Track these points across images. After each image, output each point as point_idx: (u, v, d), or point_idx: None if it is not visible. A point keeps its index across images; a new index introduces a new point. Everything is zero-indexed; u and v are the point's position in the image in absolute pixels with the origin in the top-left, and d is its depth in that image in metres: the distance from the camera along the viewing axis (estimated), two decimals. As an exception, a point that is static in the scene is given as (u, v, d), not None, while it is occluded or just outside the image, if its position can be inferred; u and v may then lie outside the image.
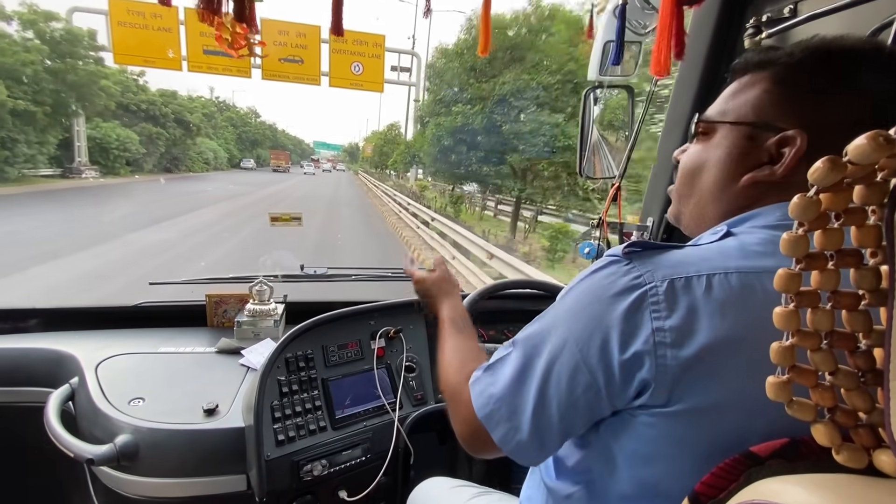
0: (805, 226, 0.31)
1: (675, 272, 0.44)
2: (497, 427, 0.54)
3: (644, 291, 0.44)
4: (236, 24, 0.85)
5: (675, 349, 0.43)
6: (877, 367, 0.32)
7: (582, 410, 0.49)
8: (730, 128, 0.55)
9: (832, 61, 0.49)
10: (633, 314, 0.45)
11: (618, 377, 0.46)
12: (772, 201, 0.51)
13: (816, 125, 0.48)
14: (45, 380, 1.09)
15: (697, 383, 0.43)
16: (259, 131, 61.02)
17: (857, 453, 0.32)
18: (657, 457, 0.47)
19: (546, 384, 0.50)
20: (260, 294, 1.31)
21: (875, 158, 0.27)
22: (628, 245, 0.48)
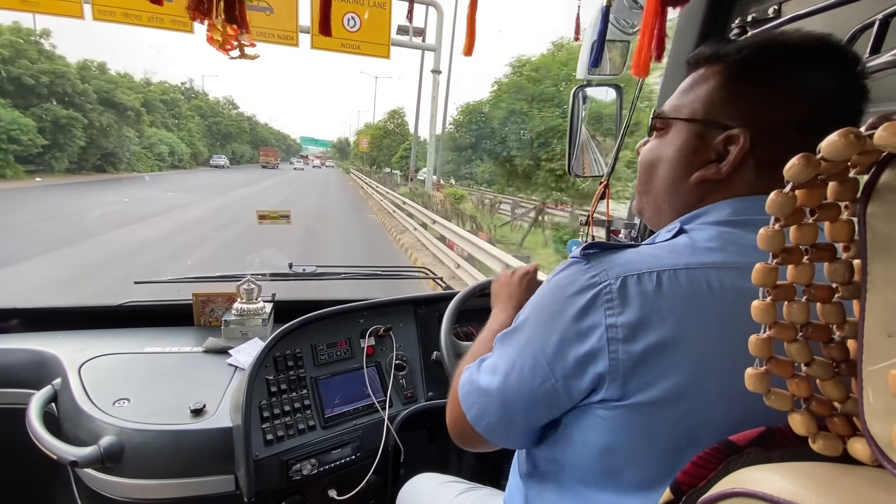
0: (781, 221, 0.32)
1: (627, 270, 0.46)
2: (471, 407, 0.59)
3: (599, 289, 0.46)
4: (227, 24, 0.84)
5: (627, 344, 0.45)
6: (850, 357, 0.33)
7: (542, 402, 0.52)
8: (682, 124, 0.56)
9: (778, 59, 0.50)
10: (589, 311, 0.47)
11: (574, 372, 0.48)
12: (719, 198, 0.53)
13: (760, 124, 0.50)
14: (27, 381, 1.07)
15: (649, 377, 0.44)
16: (234, 123, 52.90)
17: (833, 441, 0.33)
18: (617, 448, 0.49)
19: (511, 376, 0.54)
20: (248, 293, 1.30)
21: (847, 155, 0.28)
22: (586, 246, 0.50)
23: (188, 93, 48.63)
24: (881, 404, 0.28)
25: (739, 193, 0.51)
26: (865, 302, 0.29)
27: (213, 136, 46.05)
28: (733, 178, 0.52)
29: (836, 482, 0.31)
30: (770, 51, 0.51)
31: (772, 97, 0.50)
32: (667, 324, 0.44)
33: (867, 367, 0.29)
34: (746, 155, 0.50)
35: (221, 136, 48.91)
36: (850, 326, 0.33)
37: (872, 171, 0.29)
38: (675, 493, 0.38)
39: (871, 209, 0.29)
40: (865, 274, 0.29)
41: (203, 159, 40.06)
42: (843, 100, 0.49)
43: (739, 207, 0.50)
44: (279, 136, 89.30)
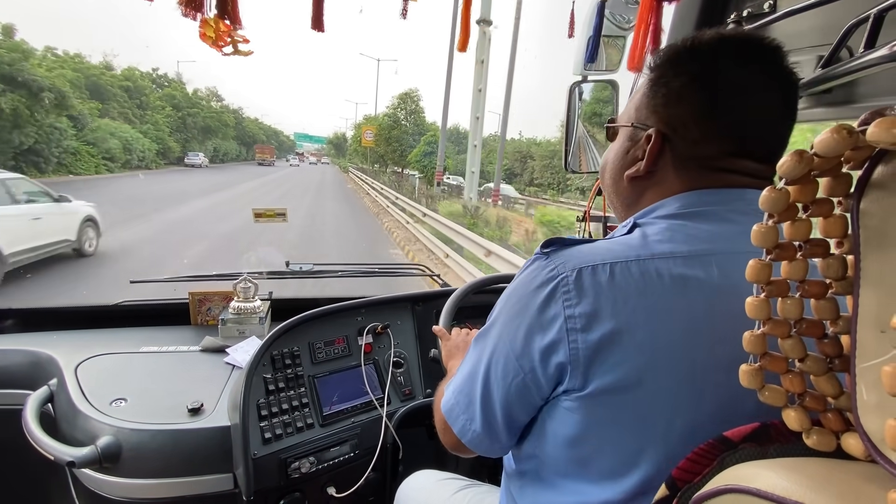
0: (775, 217, 0.32)
1: (583, 262, 0.48)
2: (456, 420, 0.61)
3: (557, 282, 0.48)
4: (220, 20, 0.83)
5: (585, 333, 0.46)
6: (844, 353, 0.33)
7: (517, 399, 0.54)
8: (622, 129, 0.61)
9: (685, 60, 0.53)
10: (549, 303, 0.49)
11: (539, 364, 0.50)
12: (655, 194, 0.56)
13: (672, 121, 0.53)
14: (23, 382, 1.07)
15: (606, 365, 0.46)
16: (214, 116, 42.10)
17: (826, 437, 0.33)
18: (583, 437, 0.50)
19: (488, 377, 0.55)
20: (244, 291, 1.30)
21: (840, 151, 0.28)
22: (545, 243, 0.53)
23: (160, 80, 39.98)
24: (874, 400, 0.28)
25: (676, 188, 0.55)
26: (858, 298, 0.29)
27: (188, 130, 36.58)
28: (658, 175, 0.56)
29: (829, 477, 0.31)
30: (676, 51, 0.54)
31: (676, 94, 0.53)
32: (620, 313, 0.46)
33: (860, 363, 0.29)
34: (663, 152, 0.54)
35: (199, 130, 39.36)
36: (843, 322, 0.33)
37: (865, 167, 0.29)
38: (671, 489, 0.39)
39: (864, 205, 0.29)
40: (858, 269, 0.29)
41: (175, 157, 32.80)
42: (755, 93, 0.51)
43: (687, 201, 0.53)
44: (270, 131, 78.54)
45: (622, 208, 0.62)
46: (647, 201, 0.57)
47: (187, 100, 39.16)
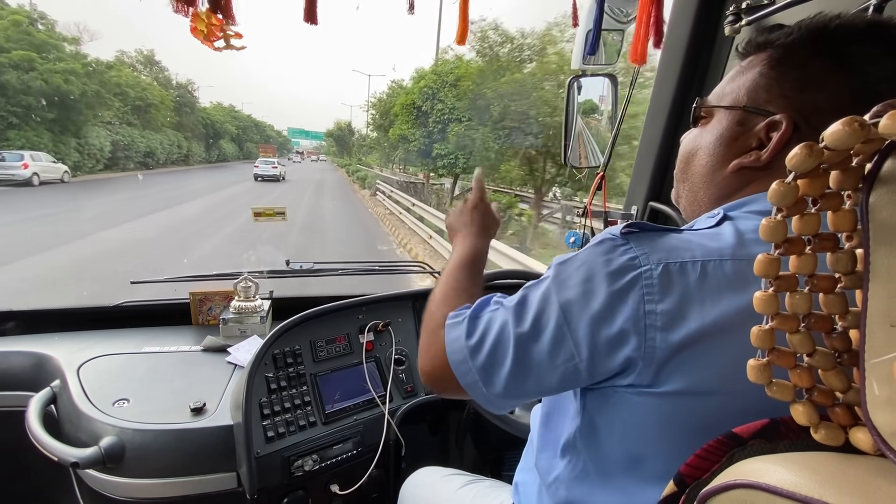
0: (783, 211, 0.32)
1: (670, 256, 0.44)
2: (466, 375, 0.54)
3: (639, 273, 0.44)
4: (212, 14, 0.82)
5: (665, 332, 0.43)
6: (853, 347, 0.33)
7: (559, 377, 0.49)
8: (724, 112, 0.54)
9: (827, 42, 0.47)
10: (626, 294, 0.44)
11: (602, 353, 0.46)
12: (759, 188, 0.51)
13: (805, 109, 0.48)
14: (26, 383, 1.07)
15: (685, 367, 0.43)
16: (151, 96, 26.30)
17: (835, 431, 0.33)
18: (642, 435, 0.47)
19: (528, 350, 0.50)
20: (245, 290, 1.30)
21: (851, 144, 0.27)
22: (627, 225, 0.47)
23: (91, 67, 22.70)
24: (885, 395, 0.28)
25: None
26: (868, 292, 0.29)
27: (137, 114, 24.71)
28: (774, 166, 0.50)
29: (837, 472, 0.31)
30: (816, 31, 0.48)
31: (819, 81, 0.47)
32: (708, 316, 0.42)
33: (870, 358, 0.29)
34: (789, 141, 0.48)
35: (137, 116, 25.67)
36: (852, 316, 0.32)
37: (875, 160, 0.28)
38: (679, 486, 0.38)
39: (874, 198, 0.29)
40: (868, 263, 0.29)
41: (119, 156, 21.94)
42: None
43: None
44: (249, 122, 57.23)
45: (710, 202, 0.56)
46: (748, 193, 0.52)
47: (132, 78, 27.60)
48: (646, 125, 1.21)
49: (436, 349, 0.59)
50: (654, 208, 1.21)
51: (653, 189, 1.21)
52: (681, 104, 1.12)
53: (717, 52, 1.05)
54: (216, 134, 44.00)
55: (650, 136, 1.19)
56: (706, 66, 1.07)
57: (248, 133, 48.36)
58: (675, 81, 1.10)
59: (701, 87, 1.09)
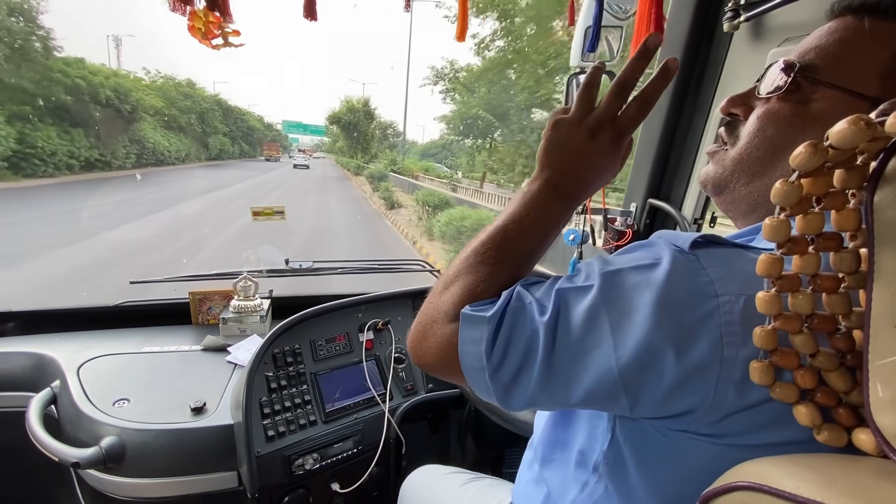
0: (787, 210, 0.32)
1: (754, 286, 0.34)
2: (477, 382, 0.44)
3: (716, 304, 0.34)
4: (209, 13, 0.82)
5: (742, 386, 0.34)
6: (856, 348, 0.33)
7: (587, 404, 0.41)
8: (840, 96, 0.40)
9: None
10: (700, 330, 0.34)
11: (654, 397, 0.36)
12: None
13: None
14: (26, 384, 1.06)
15: (758, 421, 0.35)
16: None
17: (838, 433, 0.33)
18: (685, 477, 0.39)
19: (559, 376, 0.40)
20: (244, 290, 1.30)
21: (857, 142, 0.27)
22: (702, 238, 0.37)
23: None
24: (889, 396, 0.28)
25: None
26: (872, 292, 0.29)
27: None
28: None
29: (840, 474, 0.30)
30: None
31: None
32: None
33: (874, 359, 0.29)
34: None
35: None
36: (856, 317, 0.32)
37: (880, 158, 0.28)
38: None
39: (879, 197, 0.28)
40: (872, 263, 0.29)
41: None
42: None
43: None
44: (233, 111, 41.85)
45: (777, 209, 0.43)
46: None
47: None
48: (645, 122, 1.21)
49: (443, 342, 0.46)
50: (654, 206, 1.21)
51: (652, 186, 1.21)
52: (680, 101, 1.11)
53: (716, 48, 1.04)
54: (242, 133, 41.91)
55: (649, 133, 1.19)
56: (705, 62, 1.07)
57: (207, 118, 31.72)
58: (673, 78, 1.09)
59: (700, 83, 1.09)
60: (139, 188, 14.56)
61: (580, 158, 0.48)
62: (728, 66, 1.01)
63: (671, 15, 1.08)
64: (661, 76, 0.47)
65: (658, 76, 0.47)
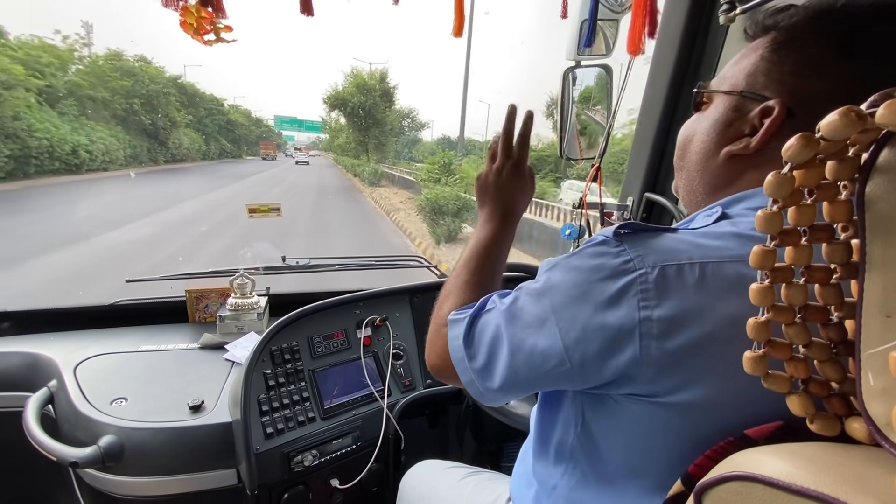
0: (779, 202, 0.32)
1: (666, 258, 0.41)
2: (465, 373, 0.55)
3: (633, 278, 0.42)
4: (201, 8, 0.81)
5: (662, 341, 0.40)
6: (848, 338, 0.33)
7: (552, 380, 0.49)
8: (722, 97, 0.52)
9: (830, 23, 0.44)
10: (620, 300, 0.42)
11: (594, 361, 0.44)
12: (753, 178, 0.48)
13: (802, 95, 0.45)
14: (22, 384, 1.06)
15: (684, 376, 0.41)
16: None
17: (831, 422, 0.34)
18: (642, 444, 0.46)
19: (519, 353, 0.49)
20: (241, 287, 1.29)
21: (847, 134, 0.27)
22: (620, 226, 0.45)
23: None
24: (881, 385, 0.28)
25: None
26: (864, 283, 0.29)
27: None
28: (767, 155, 0.47)
29: (833, 462, 0.31)
30: (820, 12, 0.45)
31: (815, 64, 0.44)
32: (708, 322, 0.39)
33: (866, 348, 0.29)
34: (782, 129, 0.46)
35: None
36: (848, 307, 0.32)
37: (871, 150, 0.28)
38: (686, 485, 0.39)
39: (870, 188, 0.28)
40: (864, 254, 0.29)
41: None
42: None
43: None
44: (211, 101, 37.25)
45: (705, 192, 0.54)
46: (741, 186, 0.49)
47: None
48: (641, 115, 1.21)
49: (440, 346, 0.60)
50: (651, 199, 1.21)
51: (648, 180, 1.21)
52: (676, 94, 1.11)
53: (712, 41, 1.04)
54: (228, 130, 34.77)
55: (645, 127, 1.19)
56: (701, 55, 1.07)
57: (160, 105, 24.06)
58: (669, 71, 1.09)
59: (695, 76, 1.09)
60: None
61: (500, 192, 0.73)
62: (724, 58, 1.01)
63: (666, 7, 1.08)
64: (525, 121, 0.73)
65: (523, 122, 0.72)
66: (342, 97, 24.69)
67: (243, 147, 43.97)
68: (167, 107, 25.19)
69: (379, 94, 24.74)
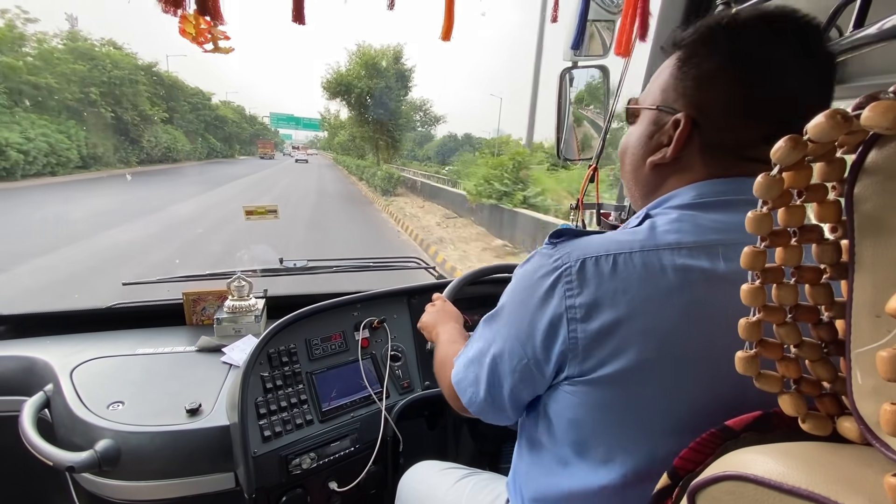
0: (769, 204, 0.32)
1: (586, 253, 0.49)
2: (464, 392, 0.64)
3: (561, 272, 0.49)
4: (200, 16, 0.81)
5: (584, 323, 0.47)
6: (839, 337, 0.33)
7: (521, 381, 0.56)
8: (645, 112, 0.57)
9: (720, 39, 0.50)
10: (551, 293, 0.49)
11: (541, 351, 0.51)
12: (676, 183, 0.54)
13: (702, 106, 0.51)
14: (18, 388, 1.06)
15: (604, 354, 0.47)
16: None
17: (822, 421, 0.34)
18: (582, 422, 0.52)
19: (495, 358, 0.58)
20: (239, 290, 1.29)
21: (834, 136, 0.27)
22: (555, 233, 0.53)
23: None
24: (870, 384, 0.28)
25: (699, 176, 0.53)
26: (853, 283, 0.29)
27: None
28: (684, 162, 0.54)
29: (825, 462, 0.31)
30: (711, 30, 0.50)
31: (708, 76, 0.50)
32: (620, 303, 0.46)
33: (855, 348, 0.29)
34: (692, 137, 0.52)
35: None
36: (837, 307, 0.33)
37: (859, 152, 0.28)
38: (672, 478, 0.39)
39: (858, 189, 0.29)
40: (853, 255, 0.29)
41: None
42: (793, 72, 0.47)
43: (702, 191, 0.51)
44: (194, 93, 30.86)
45: (641, 196, 0.60)
46: (667, 189, 0.55)
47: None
48: None
49: (447, 378, 0.72)
50: None
51: None
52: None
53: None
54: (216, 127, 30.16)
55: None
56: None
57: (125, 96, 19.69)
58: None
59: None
60: None
61: (436, 320, 0.95)
62: None
63: (662, 8, 1.08)
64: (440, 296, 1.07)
65: None
66: (346, 81, 19.29)
67: (235, 146, 40.48)
68: (136, 98, 20.45)
69: (393, 76, 19.41)
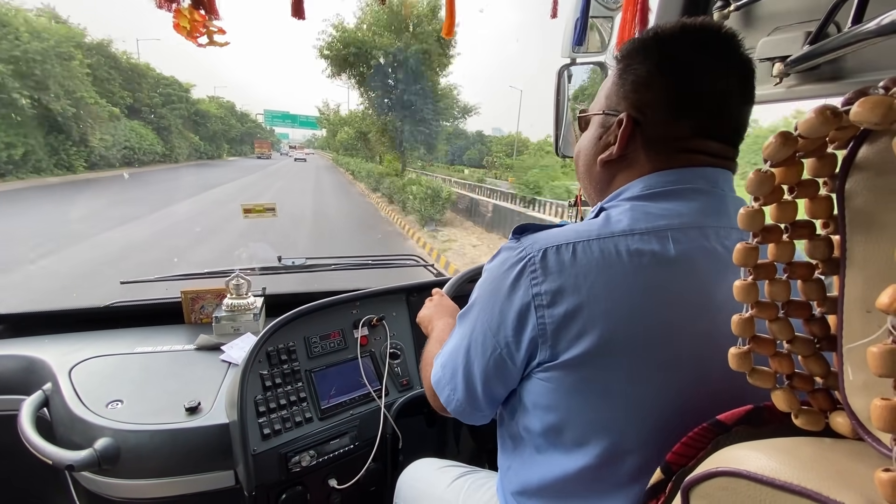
0: (761, 200, 0.32)
1: (548, 243, 0.52)
2: (442, 390, 0.66)
3: (525, 262, 0.52)
4: (194, 11, 0.81)
5: (550, 309, 0.50)
6: (831, 333, 0.33)
7: (495, 373, 0.58)
8: (594, 118, 0.64)
9: (651, 49, 0.57)
10: (518, 282, 0.53)
11: (512, 340, 0.54)
12: (626, 178, 0.59)
13: (640, 106, 0.57)
14: (17, 387, 1.06)
15: (570, 337, 0.50)
16: None
17: (815, 416, 0.34)
18: (555, 407, 0.54)
19: (469, 352, 0.61)
20: (237, 288, 1.29)
21: (824, 132, 0.27)
22: (518, 228, 0.57)
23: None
24: (861, 380, 0.28)
25: (645, 170, 0.58)
26: (845, 278, 0.29)
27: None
28: (630, 158, 0.59)
29: (817, 457, 0.31)
30: (642, 42, 0.58)
31: (643, 80, 0.57)
32: (581, 288, 0.49)
33: (847, 343, 0.29)
34: (634, 135, 0.57)
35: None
36: (829, 302, 0.33)
37: (850, 147, 0.28)
38: (665, 473, 0.39)
39: (850, 185, 0.29)
40: (844, 250, 0.29)
41: None
42: (715, 73, 0.54)
43: (649, 183, 0.56)
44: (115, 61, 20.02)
45: (595, 193, 0.66)
46: (618, 184, 0.60)
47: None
48: None
49: (426, 379, 0.74)
50: None
51: None
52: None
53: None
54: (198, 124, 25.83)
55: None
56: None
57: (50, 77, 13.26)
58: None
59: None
60: None
61: (433, 315, 0.94)
62: None
63: (660, 6, 1.07)
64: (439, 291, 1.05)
65: None
66: (359, 41, 13.01)
67: (224, 145, 34.79)
68: (71, 82, 15.23)
69: (433, 36, 12.84)
